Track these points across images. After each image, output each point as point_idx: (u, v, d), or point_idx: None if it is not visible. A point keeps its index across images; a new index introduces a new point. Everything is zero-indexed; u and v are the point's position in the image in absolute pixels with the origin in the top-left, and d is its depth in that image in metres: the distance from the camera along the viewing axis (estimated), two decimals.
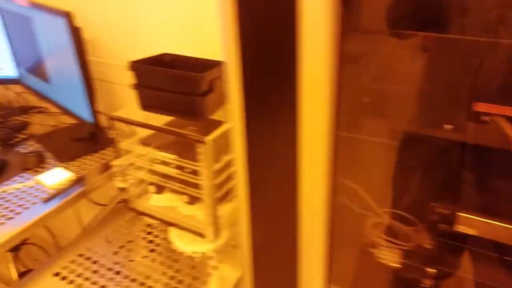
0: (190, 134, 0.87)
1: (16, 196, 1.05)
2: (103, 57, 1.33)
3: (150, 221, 1.12)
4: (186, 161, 0.94)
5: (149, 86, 0.93)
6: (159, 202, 1.11)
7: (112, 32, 1.27)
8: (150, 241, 1.05)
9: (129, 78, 1.31)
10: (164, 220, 1.06)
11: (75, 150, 1.25)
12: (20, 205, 1.01)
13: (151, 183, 1.06)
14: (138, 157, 1.05)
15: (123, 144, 1.02)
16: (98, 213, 1.33)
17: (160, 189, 1.08)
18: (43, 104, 1.57)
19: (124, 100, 1.37)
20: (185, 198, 1.04)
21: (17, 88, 1.57)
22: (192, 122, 0.97)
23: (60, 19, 0.96)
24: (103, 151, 1.27)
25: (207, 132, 0.91)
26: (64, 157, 1.21)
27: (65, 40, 0.99)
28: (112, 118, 0.99)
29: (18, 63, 1.35)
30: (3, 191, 1.06)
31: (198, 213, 1.05)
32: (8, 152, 1.24)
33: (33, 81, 1.31)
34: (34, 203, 1.02)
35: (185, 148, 0.98)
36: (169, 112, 0.96)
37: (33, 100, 1.58)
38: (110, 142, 1.31)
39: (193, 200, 1.04)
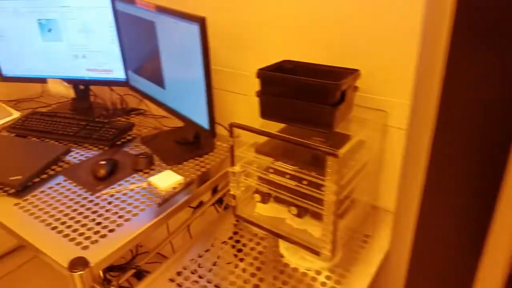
0: (321, 146, 0.82)
1: (131, 196, 1.06)
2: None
3: (256, 230, 1.08)
4: (310, 173, 0.89)
5: (277, 94, 0.90)
6: (264, 212, 1.07)
7: (223, 38, 1.27)
8: (238, 244, 1.01)
9: (236, 85, 1.30)
10: (273, 232, 1.02)
11: (180, 154, 1.25)
12: (136, 206, 1.02)
13: (257, 192, 1.03)
14: (252, 164, 1.02)
15: (241, 151, 1.00)
16: (189, 216, 1.32)
17: (265, 199, 1.05)
18: (143, 106, 1.61)
19: (228, 107, 1.37)
20: (294, 210, 1.00)
21: (120, 90, 1.63)
22: (317, 133, 0.92)
23: (193, 25, 0.96)
24: (206, 156, 1.27)
25: (334, 145, 0.86)
26: (171, 160, 1.22)
27: (194, 46, 0.98)
28: (232, 125, 0.97)
29: (127, 66, 1.39)
30: (118, 191, 1.08)
31: (308, 228, 1.00)
32: (116, 152, 1.28)
33: (143, 84, 1.34)
34: (149, 205, 1.02)
35: (290, 157, 0.94)
36: (293, 121, 0.92)
37: (133, 102, 1.63)
38: (212, 147, 1.30)
39: (301, 213, 0.99)
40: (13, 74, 1.52)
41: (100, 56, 1.41)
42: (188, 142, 1.31)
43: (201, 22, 0.94)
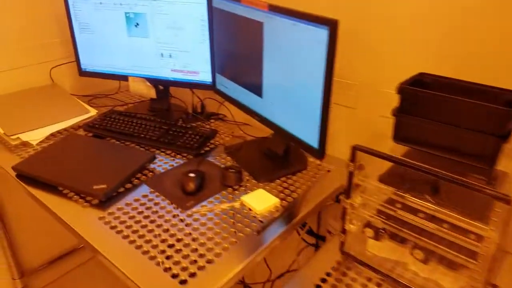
0: (488, 188, 0.65)
1: (224, 218, 0.93)
2: None
3: (368, 272, 0.92)
4: (458, 216, 0.72)
5: (422, 114, 0.74)
6: (378, 251, 0.91)
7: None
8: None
9: (337, 95, 1.14)
10: (394, 279, 0.85)
11: (270, 169, 1.11)
12: (232, 232, 0.89)
13: (369, 225, 0.87)
14: (364, 193, 0.87)
15: (361, 180, 0.84)
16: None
17: (378, 235, 0.89)
18: (223, 111, 1.49)
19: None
20: (419, 254, 0.83)
21: (199, 93, 1.52)
22: (460, 165, 0.75)
23: (321, 29, 0.81)
24: (300, 174, 1.12)
25: (496, 186, 0.69)
26: (261, 177, 1.09)
27: (317, 54, 0.84)
28: (356, 148, 0.82)
29: (216, 68, 1.27)
30: (210, 210, 0.96)
31: (438, 277, 0.83)
32: (201, 163, 1.16)
33: (234, 90, 1.21)
34: (246, 232, 0.89)
35: (414, 190, 0.77)
36: (439, 149, 0.75)
37: (213, 107, 1.51)
38: (305, 164, 1.15)
39: (428, 258, 0.82)
40: (93, 69, 1.45)
41: (188, 57, 1.30)
42: (277, 156, 1.17)
43: (332, 26, 0.79)
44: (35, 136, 1.24)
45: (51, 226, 1.74)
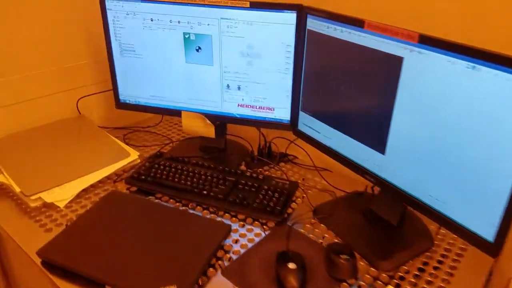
0: None
1: None
2: None
3: None
4: None
5: None
6: None
7: None
8: None
9: None
10: None
11: (387, 249, 0.82)
12: None
13: None
14: None
15: None
16: None
17: None
18: (292, 151, 1.20)
19: None
20: None
21: (263, 131, 1.23)
22: None
23: None
24: (427, 253, 0.83)
25: None
26: (380, 263, 0.79)
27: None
28: None
29: (300, 105, 0.98)
30: None
31: None
32: (289, 236, 0.87)
33: (331, 136, 0.92)
34: None
35: None
36: None
37: (280, 146, 1.22)
38: (431, 239, 0.86)
39: None
40: (135, 101, 1.16)
41: (262, 90, 1.02)
42: (387, 224, 0.88)
43: None
44: (62, 196, 0.94)
45: None
